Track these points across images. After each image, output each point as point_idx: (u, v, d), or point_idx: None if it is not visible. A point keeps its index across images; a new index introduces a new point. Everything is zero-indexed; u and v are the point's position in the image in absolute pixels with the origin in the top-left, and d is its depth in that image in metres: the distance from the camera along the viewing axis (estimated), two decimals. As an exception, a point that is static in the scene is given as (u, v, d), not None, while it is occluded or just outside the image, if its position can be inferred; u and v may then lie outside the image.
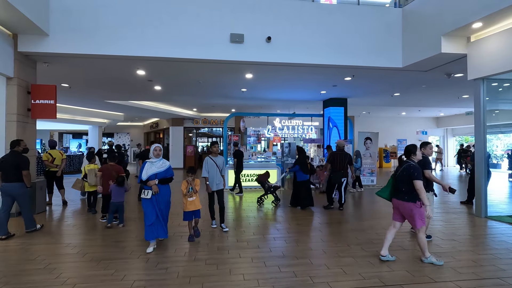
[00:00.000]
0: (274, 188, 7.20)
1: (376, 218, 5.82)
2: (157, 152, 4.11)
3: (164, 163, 4.14)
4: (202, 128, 19.28)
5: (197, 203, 4.41)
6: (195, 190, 4.37)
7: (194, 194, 4.36)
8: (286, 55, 6.58)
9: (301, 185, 6.77)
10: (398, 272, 3.32)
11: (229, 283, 3.08)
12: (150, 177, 4.00)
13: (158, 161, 4.10)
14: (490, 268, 3.46)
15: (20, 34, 5.73)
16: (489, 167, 6.38)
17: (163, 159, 4.18)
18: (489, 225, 5.36)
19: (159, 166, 4.08)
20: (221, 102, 12.84)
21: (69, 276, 3.24)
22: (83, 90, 9.95)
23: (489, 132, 6.05)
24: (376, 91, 10.23)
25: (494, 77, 5.75)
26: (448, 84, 8.98)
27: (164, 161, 4.17)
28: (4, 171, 4.61)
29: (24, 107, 6.07)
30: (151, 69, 7.37)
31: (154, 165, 4.07)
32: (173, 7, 6.14)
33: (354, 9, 6.91)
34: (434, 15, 6.11)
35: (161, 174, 4.07)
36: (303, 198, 6.69)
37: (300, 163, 6.78)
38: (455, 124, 18.54)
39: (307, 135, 12.95)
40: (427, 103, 13.20)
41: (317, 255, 3.88)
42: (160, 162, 4.11)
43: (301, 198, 6.72)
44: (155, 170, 4.03)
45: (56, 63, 6.67)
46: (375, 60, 6.91)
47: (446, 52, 5.96)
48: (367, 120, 18.52)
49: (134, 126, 23.35)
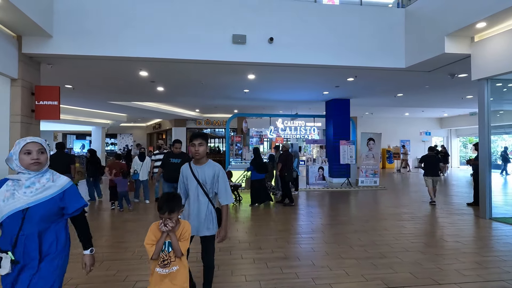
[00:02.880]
0: (235, 187, 7.45)
1: (379, 219, 5.78)
2: None
3: (55, 182, 1.77)
4: (204, 129, 19.31)
5: (180, 280, 2.00)
6: (179, 253, 1.97)
7: (173, 261, 1.98)
8: (289, 56, 6.57)
9: (256, 183, 7.17)
10: (401, 274, 3.30)
11: (231, 284, 3.08)
12: (5, 222, 1.62)
13: (36, 175, 1.71)
14: (495, 271, 3.42)
15: (24, 35, 5.78)
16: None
17: (52, 172, 1.82)
18: (493, 226, 5.30)
19: (37, 189, 1.68)
20: (224, 103, 12.85)
21: (72, 276, 3.25)
22: (86, 91, 10.01)
23: (494, 133, 6.00)
24: (379, 92, 10.19)
25: (499, 77, 5.70)
26: (452, 85, 8.92)
27: (55, 177, 1.80)
28: (54, 167, 5.29)
29: (28, 108, 6.12)
30: (154, 70, 7.40)
31: (23, 187, 1.67)
32: (176, 8, 6.16)
33: (357, 10, 6.89)
34: (437, 15, 6.08)
35: (40, 210, 1.67)
36: (260, 195, 7.12)
37: (254, 163, 7.20)
38: (459, 125, 18.41)
39: (310, 136, 12.92)
40: (430, 103, 13.12)
41: (319, 256, 3.86)
42: (43, 178, 1.73)
43: (258, 196, 7.12)
44: (23, 202, 1.64)
45: (59, 64, 6.72)
46: (377, 60, 6.88)
47: (449, 52, 5.92)
48: (370, 120, 18.44)
49: (137, 127, 23.44)
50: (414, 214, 6.22)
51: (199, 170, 2.49)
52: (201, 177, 2.47)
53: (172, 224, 1.95)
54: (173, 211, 1.96)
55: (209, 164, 2.53)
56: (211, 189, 2.50)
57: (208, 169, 2.50)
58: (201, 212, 2.46)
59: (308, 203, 7.56)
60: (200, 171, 2.48)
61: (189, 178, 2.50)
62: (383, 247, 4.18)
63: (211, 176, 2.48)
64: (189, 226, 2.08)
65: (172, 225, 1.94)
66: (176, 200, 2.01)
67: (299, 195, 8.68)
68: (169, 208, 1.95)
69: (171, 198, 2.00)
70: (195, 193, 2.47)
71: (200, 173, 2.48)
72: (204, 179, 2.47)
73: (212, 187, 2.50)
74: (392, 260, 3.69)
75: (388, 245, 4.24)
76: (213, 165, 2.53)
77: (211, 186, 2.49)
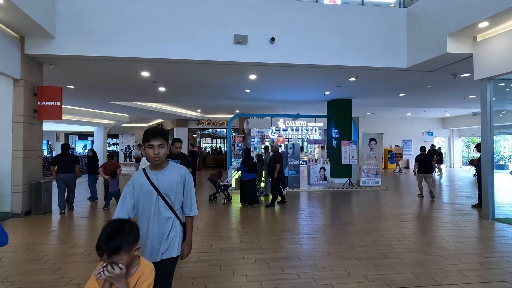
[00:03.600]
0: (224, 186, 7.52)
1: (381, 220, 5.76)
2: None
3: None
4: (206, 129, 19.34)
5: None
6: None
7: None
8: (290, 56, 6.56)
9: (246, 184, 7.19)
10: (403, 275, 3.28)
11: (232, 285, 3.08)
12: None
13: None
14: (497, 271, 3.40)
15: (27, 36, 5.82)
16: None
17: None
18: (496, 227, 5.27)
19: None
20: (225, 103, 12.87)
21: (74, 276, 3.26)
22: (88, 92, 10.05)
23: (496, 133, 5.97)
24: (380, 92, 10.17)
25: (501, 77, 5.66)
26: (454, 85, 8.88)
27: None
28: (60, 165, 6.40)
29: (31, 109, 6.15)
30: (156, 71, 7.42)
31: None
32: (177, 9, 6.18)
33: (358, 10, 6.88)
34: (439, 15, 6.06)
35: None
36: (249, 195, 7.11)
37: (245, 163, 7.16)
38: (462, 125, 18.33)
39: (311, 136, 12.91)
40: (432, 103, 13.08)
41: (321, 256, 3.85)
42: None
43: (247, 195, 7.12)
44: None
45: (62, 65, 6.75)
46: (379, 60, 6.87)
47: (451, 52, 5.90)
48: (372, 120, 18.40)
49: (139, 127, 23.49)
50: (416, 215, 6.20)
51: (159, 177, 1.91)
52: (163, 186, 1.90)
53: (119, 270, 1.26)
54: (117, 251, 1.27)
55: (171, 167, 1.97)
56: (176, 199, 1.95)
57: (171, 174, 1.94)
58: (164, 231, 1.90)
59: (310, 203, 7.56)
60: (161, 178, 1.91)
61: (144, 188, 1.90)
62: (385, 247, 4.16)
63: (175, 182, 1.94)
64: (150, 271, 1.40)
65: (117, 273, 1.26)
66: (124, 233, 1.31)
67: (301, 194, 8.66)
68: (110, 248, 1.26)
69: (116, 231, 1.30)
70: (154, 207, 1.89)
71: (161, 181, 1.91)
72: (167, 188, 1.91)
73: (177, 197, 1.95)
74: (394, 261, 3.67)
75: (390, 246, 4.23)
76: (178, 169, 1.99)
77: (176, 195, 1.94)
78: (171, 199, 1.93)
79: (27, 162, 6.02)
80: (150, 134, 1.87)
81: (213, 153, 19.99)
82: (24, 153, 5.92)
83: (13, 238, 4.65)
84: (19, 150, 5.86)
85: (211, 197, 7.59)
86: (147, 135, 1.88)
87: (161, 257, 1.89)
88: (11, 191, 5.84)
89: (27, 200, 6.02)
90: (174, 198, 1.94)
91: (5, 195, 5.82)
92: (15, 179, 5.86)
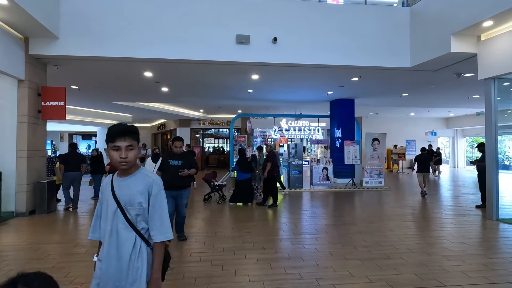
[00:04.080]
0: (219, 186, 7.54)
1: (383, 220, 5.74)
2: None
3: None
4: (208, 129, 19.37)
5: None
6: None
7: None
8: (292, 56, 6.55)
9: (241, 183, 7.22)
10: (406, 275, 3.27)
11: (234, 284, 3.08)
12: None
13: None
14: (502, 272, 3.37)
15: (31, 37, 5.86)
16: None
17: None
18: (500, 228, 5.23)
19: None
20: (228, 103, 12.88)
21: (77, 275, 3.28)
22: (92, 92, 10.12)
23: (501, 133, 5.92)
24: (384, 92, 10.12)
25: (506, 76, 5.62)
26: (458, 84, 8.82)
27: None
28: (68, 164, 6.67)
29: (35, 109, 6.20)
30: (158, 71, 7.45)
31: None
32: (179, 9, 6.19)
33: (361, 9, 6.85)
34: (443, 14, 6.02)
35: None
36: (244, 195, 7.15)
37: (240, 163, 7.20)
38: (466, 125, 18.19)
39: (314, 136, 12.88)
40: (436, 103, 13.00)
41: (323, 257, 3.84)
42: None
43: (241, 195, 7.16)
44: None
45: (65, 65, 6.80)
46: (382, 60, 6.84)
47: (455, 51, 5.86)
48: (375, 120, 18.32)
49: (142, 127, 23.59)
50: (419, 215, 6.17)
51: (122, 185, 1.51)
52: (123, 196, 1.49)
53: None
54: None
55: (138, 175, 1.54)
56: (141, 216, 1.51)
57: (135, 182, 1.51)
58: (123, 255, 1.47)
59: (312, 203, 7.54)
60: (123, 186, 1.51)
61: (105, 197, 1.55)
62: (388, 248, 4.14)
63: (138, 194, 1.49)
64: None
65: None
66: None
67: (303, 194, 8.65)
68: None
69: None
70: (112, 224, 1.49)
71: (123, 190, 1.50)
72: (127, 200, 1.49)
73: (140, 213, 1.50)
74: (397, 261, 3.66)
75: (393, 246, 4.21)
76: (145, 177, 1.54)
77: (138, 210, 1.49)
78: (131, 214, 1.49)
79: (31, 162, 6.07)
80: (115, 132, 1.46)
81: (215, 153, 20.02)
82: (28, 153, 5.97)
83: (17, 237, 4.69)
84: (23, 150, 5.91)
85: (206, 196, 7.62)
86: (111, 134, 1.47)
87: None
88: (15, 191, 5.89)
89: (31, 200, 6.07)
90: (136, 213, 1.50)
91: (9, 194, 5.87)
92: (19, 179, 5.91)
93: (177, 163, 4.22)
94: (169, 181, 3.96)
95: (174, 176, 4.16)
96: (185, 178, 4.31)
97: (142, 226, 1.52)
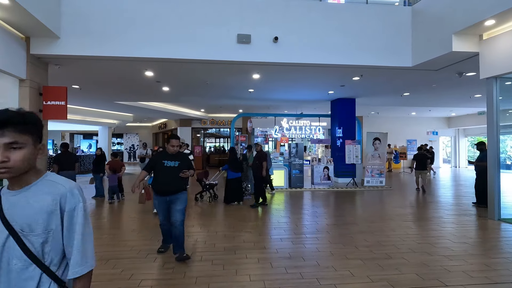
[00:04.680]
0: (210, 185, 7.56)
1: (385, 220, 5.73)
2: None
3: None
4: (209, 128, 19.38)
5: None
6: None
7: None
8: (293, 55, 6.54)
9: (231, 182, 7.20)
10: (407, 275, 3.26)
11: (235, 284, 3.08)
12: None
13: None
14: (504, 273, 3.36)
15: (32, 37, 5.86)
16: None
17: None
18: (502, 227, 5.21)
19: None
20: (229, 102, 12.87)
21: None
22: (93, 92, 10.12)
23: (503, 132, 5.90)
24: (385, 91, 10.09)
25: (508, 75, 5.59)
26: (460, 83, 8.79)
27: None
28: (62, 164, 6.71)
29: (36, 108, 6.20)
30: (159, 70, 7.45)
31: None
32: (180, 8, 6.19)
33: (362, 8, 6.83)
34: (444, 13, 5.99)
35: None
36: (233, 194, 7.14)
37: (230, 162, 7.19)
38: (467, 124, 18.13)
39: (315, 136, 12.87)
40: (438, 102, 12.95)
41: (324, 256, 3.84)
42: None
43: (230, 194, 7.15)
44: None
45: (67, 65, 6.80)
46: (384, 59, 6.81)
47: (457, 50, 5.83)
48: (376, 120, 18.28)
49: (143, 126, 23.63)
50: (420, 215, 6.15)
51: (15, 201, 1.04)
52: (18, 218, 1.03)
53: None
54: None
55: (40, 184, 1.08)
56: (48, 244, 1.05)
57: (35, 195, 1.05)
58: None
59: (313, 203, 7.53)
60: (17, 204, 1.04)
61: None
62: (389, 247, 4.14)
63: (43, 212, 1.03)
64: None
65: None
66: None
67: (304, 193, 8.64)
68: None
69: None
70: (2, 259, 1.02)
71: (16, 208, 1.04)
72: (25, 222, 1.02)
73: (49, 239, 1.05)
74: (398, 261, 3.65)
75: (394, 246, 4.20)
76: (52, 185, 1.08)
77: (46, 236, 1.04)
78: (34, 243, 1.02)
79: (33, 161, 6.07)
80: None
81: (216, 152, 20.02)
82: (30, 152, 5.97)
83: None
84: (24, 149, 5.90)
85: (197, 195, 7.65)
86: None
87: None
88: (17, 190, 5.89)
89: (33, 199, 6.07)
90: (42, 240, 1.03)
91: (11, 194, 5.87)
92: (21, 178, 5.90)
93: (174, 164, 3.71)
94: (164, 185, 3.65)
95: (172, 178, 3.67)
96: (182, 180, 3.82)
97: (50, 259, 1.05)
